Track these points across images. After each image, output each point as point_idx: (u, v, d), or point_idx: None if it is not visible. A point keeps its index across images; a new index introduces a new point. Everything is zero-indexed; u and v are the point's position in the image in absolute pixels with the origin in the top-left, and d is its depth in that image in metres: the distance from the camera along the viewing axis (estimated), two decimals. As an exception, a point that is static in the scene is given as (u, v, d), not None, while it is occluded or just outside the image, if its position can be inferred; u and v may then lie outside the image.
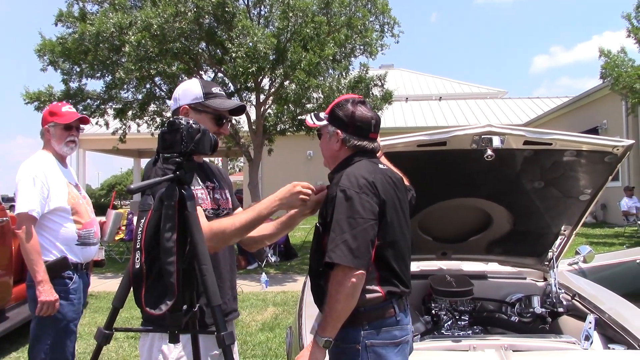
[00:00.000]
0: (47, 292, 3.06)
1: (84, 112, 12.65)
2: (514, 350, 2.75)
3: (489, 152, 2.78)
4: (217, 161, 48.76)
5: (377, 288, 2.03)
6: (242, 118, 13.04)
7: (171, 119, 1.74)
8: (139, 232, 1.58)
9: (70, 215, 3.29)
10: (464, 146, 2.86)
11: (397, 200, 2.12)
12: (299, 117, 12.21)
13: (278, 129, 12.64)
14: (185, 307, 1.74)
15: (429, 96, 30.38)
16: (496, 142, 2.79)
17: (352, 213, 1.95)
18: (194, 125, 1.68)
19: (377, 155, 2.32)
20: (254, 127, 12.03)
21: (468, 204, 3.40)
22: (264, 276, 8.99)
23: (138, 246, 1.58)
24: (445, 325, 3.35)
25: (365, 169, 2.07)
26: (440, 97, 29.70)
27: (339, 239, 1.92)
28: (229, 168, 41.40)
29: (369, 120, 2.16)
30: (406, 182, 2.39)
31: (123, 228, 11.39)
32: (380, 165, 2.17)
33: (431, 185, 3.09)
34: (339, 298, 1.92)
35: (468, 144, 2.84)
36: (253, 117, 12.02)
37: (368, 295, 2.01)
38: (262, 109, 11.95)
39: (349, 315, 1.95)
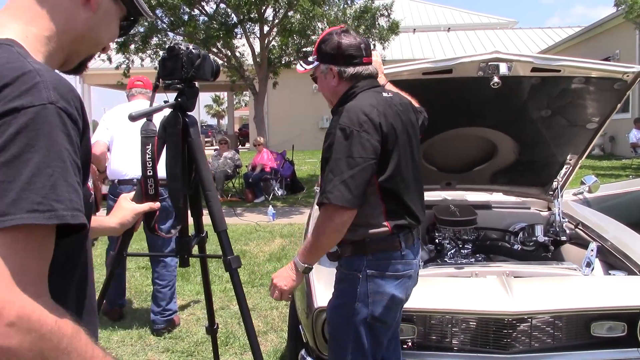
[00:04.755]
0: None
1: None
2: (515, 277, 2.81)
3: (496, 79, 2.72)
4: (223, 95, 48.39)
5: (383, 222, 2.03)
6: (247, 50, 12.81)
7: (171, 44, 1.71)
8: (149, 159, 1.58)
9: None
10: (470, 74, 2.81)
11: (402, 131, 2.07)
12: (303, 50, 11.98)
13: (283, 62, 12.43)
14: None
15: (437, 27, 29.59)
16: (503, 69, 2.72)
17: (352, 152, 1.91)
18: (193, 50, 1.65)
19: (382, 83, 2.27)
20: (258, 59, 11.84)
21: (473, 134, 3.37)
22: (270, 209, 9.10)
23: (150, 173, 1.58)
24: (449, 253, 3.39)
25: (366, 102, 2.01)
26: (449, 28, 28.94)
27: (338, 179, 1.90)
28: (234, 103, 41.15)
29: (357, 45, 2.09)
30: (416, 104, 2.35)
31: None
32: (385, 94, 2.11)
33: (436, 114, 3.04)
34: (325, 232, 1.95)
35: (474, 71, 2.78)
36: (257, 49, 11.81)
37: (374, 230, 2.02)
38: (266, 41, 11.73)
39: (331, 247, 2.00)
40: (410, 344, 2.60)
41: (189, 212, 1.89)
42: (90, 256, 1.10)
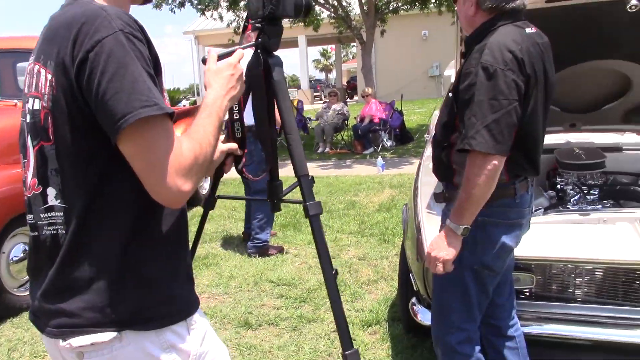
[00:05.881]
0: None
1: (199, 6, 12.84)
2: (650, 223, 2.53)
3: (634, 1, 2.39)
4: (329, 49, 48.22)
5: (502, 170, 1.86)
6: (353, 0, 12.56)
7: None
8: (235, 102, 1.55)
9: None
10: None
11: (542, 73, 1.87)
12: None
13: (390, 8, 12.02)
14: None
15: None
16: (642, -12, 2.38)
17: (496, 94, 1.74)
18: None
19: None
20: (365, 7, 11.54)
21: (603, 67, 3.02)
22: (380, 160, 9.00)
23: (236, 117, 1.56)
24: (572, 200, 3.13)
25: (510, 38, 1.81)
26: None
27: (480, 123, 1.74)
28: (342, 56, 40.93)
29: None
30: None
31: None
32: (528, 30, 1.90)
33: (564, 47, 2.75)
34: (478, 183, 1.77)
35: (607, -6, 2.46)
36: (363, -3, 11.53)
37: None
38: (372, -12, 11.38)
39: (487, 200, 1.82)
40: (528, 293, 2.45)
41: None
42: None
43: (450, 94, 1.95)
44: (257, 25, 1.62)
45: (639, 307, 2.30)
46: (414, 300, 2.72)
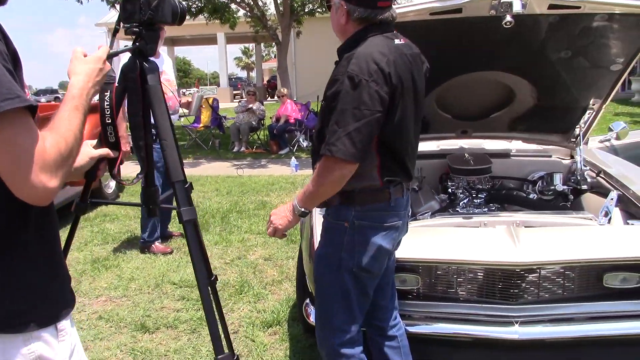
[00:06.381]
0: None
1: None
2: (525, 226, 2.71)
3: (508, 17, 2.54)
4: (252, 47, 47.89)
5: (375, 175, 1.97)
6: (269, -1, 12.56)
7: None
8: (107, 106, 1.52)
9: None
10: (482, 13, 2.63)
11: (411, 83, 1.96)
12: (328, -4, 11.64)
13: (306, 10, 12.12)
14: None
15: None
16: (517, 6, 2.53)
17: (359, 103, 1.80)
18: None
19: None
20: (280, 8, 11.57)
21: (488, 78, 3.21)
22: (293, 160, 9.07)
23: (109, 121, 1.53)
24: (461, 203, 3.30)
25: (377, 50, 1.87)
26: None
27: (342, 131, 1.80)
28: (264, 55, 40.76)
29: None
30: None
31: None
32: (397, 41, 1.97)
33: (448, 58, 2.90)
34: (324, 182, 1.88)
35: (486, 10, 2.60)
36: (280, -3, 11.55)
37: (365, 181, 1.95)
38: (288, -12, 11.43)
39: (327, 198, 1.94)
40: (415, 294, 2.56)
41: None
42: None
43: (323, 102, 2.00)
44: (134, 29, 1.60)
45: (516, 304, 2.45)
46: (307, 301, 2.76)
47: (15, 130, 1.03)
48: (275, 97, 28.31)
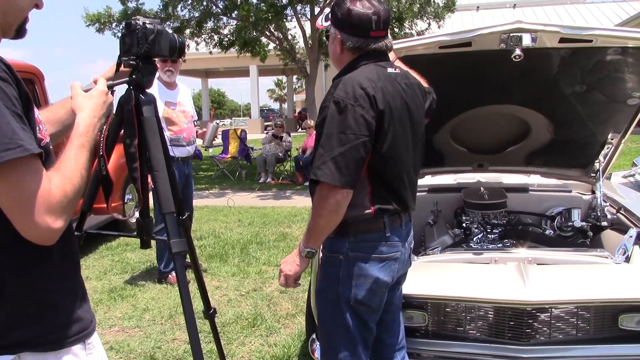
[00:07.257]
0: None
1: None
2: (538, 264, 2.63)
3: (517, 51, 2.51)
4: (284, 79, 48.67)
5: (367, 203, 1.93)
6: (297, 32, 12.76)
7: (129, 20, 1.66)
8: (100, 139, 1.54)
9: (166, 125, 4.53)
10: (492, 46, 2.61)
11: (402, 110, 1.94)
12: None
13: (334, 43, 12.28)
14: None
15: (502, 4, 28.46)
16: (526, 40, 2.51)
17: (344, 128, 1.80)
18: (148, 25, 1.60)
19: (392, 58, 2.14)
20: (309, 41, 11.75)
21: (503, 112, 3.17)
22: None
23: (101, 153, 1.55)
24: (475, 238, 3.22)
25: (366, 76, 1.88)
26: (515, 5, 27.75)
27: (327, 155, 1.80)
28: (296, 87, 41.33)
29: (367, 16, 1.91)
30: (424, 84, 2.21)
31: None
32: (390, 69, 1.97)
33: (459, 91, 2.88)
34: (322, 213, 1.85)
35: (496, 43, 2.58)
36: (308, 31, 11.73)
37: (356, 210, 1.92)
38: (316, 22, 11.61)
39: (333, 229, 1.89)
40: (423, 331, 2.49)
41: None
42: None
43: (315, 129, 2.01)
44: (131, 62, 1.63)
45: (527, 345, 2.37)
46: (313, 336, 2.72)
47: (20, 174, 1.05)
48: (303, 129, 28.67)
